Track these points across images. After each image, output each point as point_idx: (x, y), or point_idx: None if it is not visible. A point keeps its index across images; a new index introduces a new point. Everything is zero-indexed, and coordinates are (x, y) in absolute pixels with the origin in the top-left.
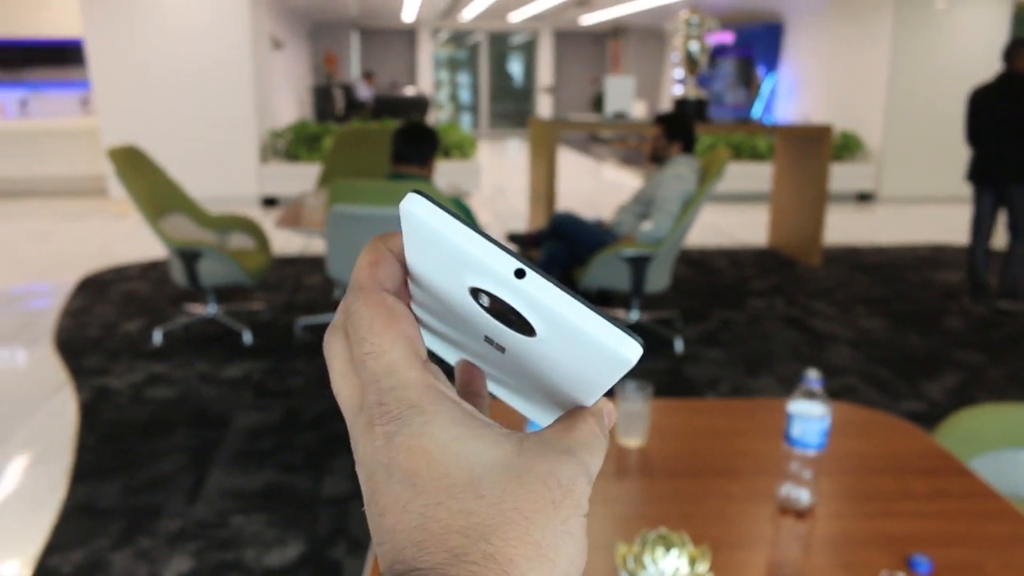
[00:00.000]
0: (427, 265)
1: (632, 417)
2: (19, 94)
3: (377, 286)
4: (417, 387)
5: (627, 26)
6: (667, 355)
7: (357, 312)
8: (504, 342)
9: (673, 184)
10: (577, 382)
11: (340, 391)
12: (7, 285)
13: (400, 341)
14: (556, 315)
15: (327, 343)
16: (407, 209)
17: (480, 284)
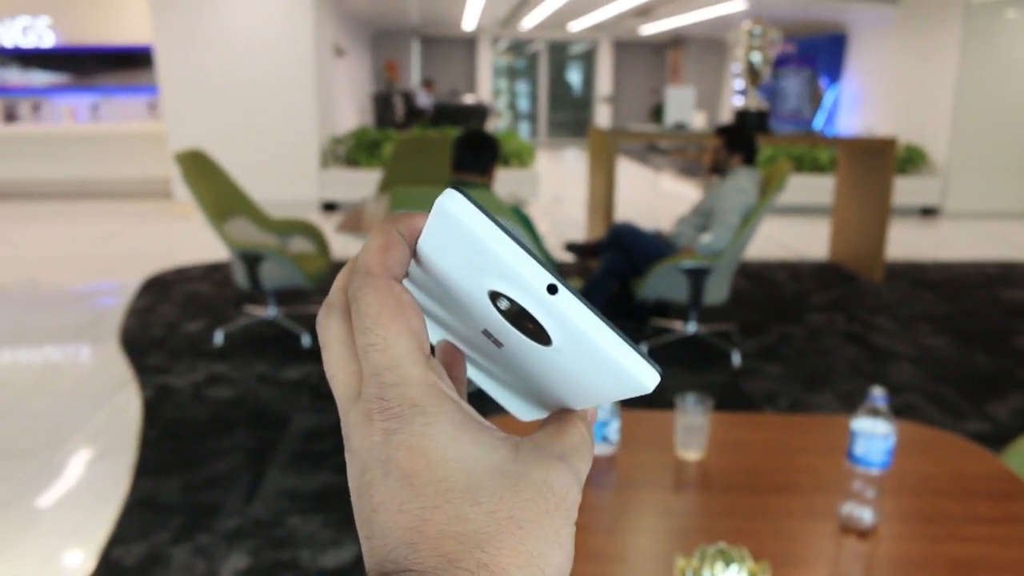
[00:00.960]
0: (446, 259)
1: (692, 430)
2: (91, 99)
3: (387, 273)
4: (420, 385)
5: (687, 36)
6: (724, 368)
7: (364, 300)
8: (507, 341)
9: (734, 196)
10: (577, 392)
11: (335, 376)
12: (75, 284)
13: (406, 334)
14: (581, 334)
15: (322, 324)
16: (445, 206)
17: (505, 290)
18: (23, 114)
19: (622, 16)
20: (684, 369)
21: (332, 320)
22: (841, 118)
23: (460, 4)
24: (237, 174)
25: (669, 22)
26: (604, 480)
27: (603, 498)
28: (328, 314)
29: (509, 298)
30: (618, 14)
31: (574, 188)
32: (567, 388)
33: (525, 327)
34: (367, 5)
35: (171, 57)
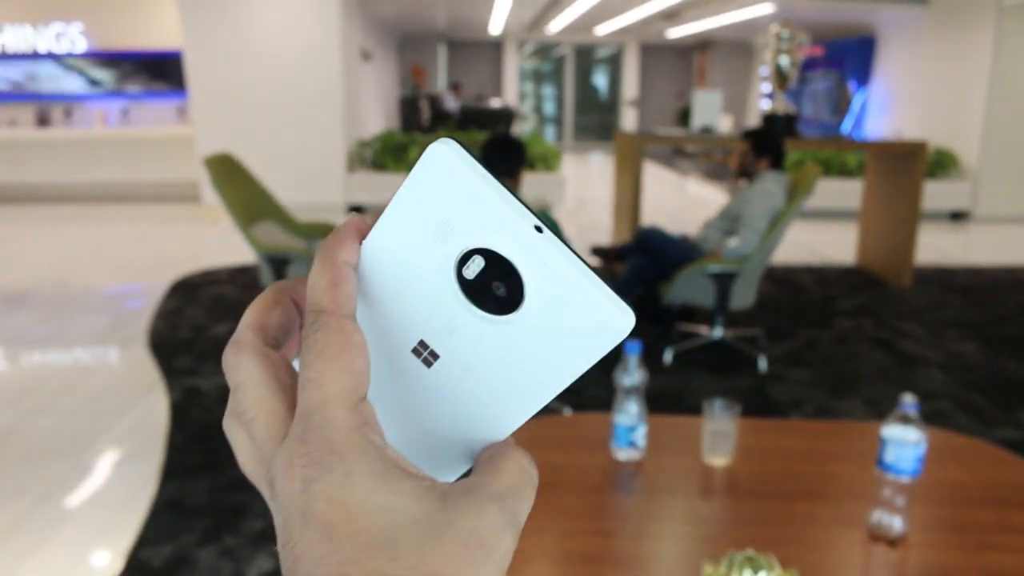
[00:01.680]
0: (412, 231)
1: (719, 436)
2: (121, 103)
3: (339, 310)
4: (343, 430)
5: (714, 40)
6: (750, 373)
7: (313, 336)
8: (451, 340)
9: (761, 200)
10: (534, 378)
11: (256, 418)
12: (104, 286)
13: (345, 374)
14: (562, 275)
15: (231, 364)
16: (439, 152)
17: (488, 241)
18: (55, 119)
19: (649, 19)
20: (710, 374)
21: (243, 359)
22: (869, 121)
23: (487, 8)
24: (264, 177)
25: (696, 25)
26: (631, 485)
27: (630, 503)
28: (238, 353)
29: (489, 251)
30: (645, 17)
31: (600, 192)
32: (521, 380)
33: (490, 296)
34: (394, 10)
35: (200, 62)
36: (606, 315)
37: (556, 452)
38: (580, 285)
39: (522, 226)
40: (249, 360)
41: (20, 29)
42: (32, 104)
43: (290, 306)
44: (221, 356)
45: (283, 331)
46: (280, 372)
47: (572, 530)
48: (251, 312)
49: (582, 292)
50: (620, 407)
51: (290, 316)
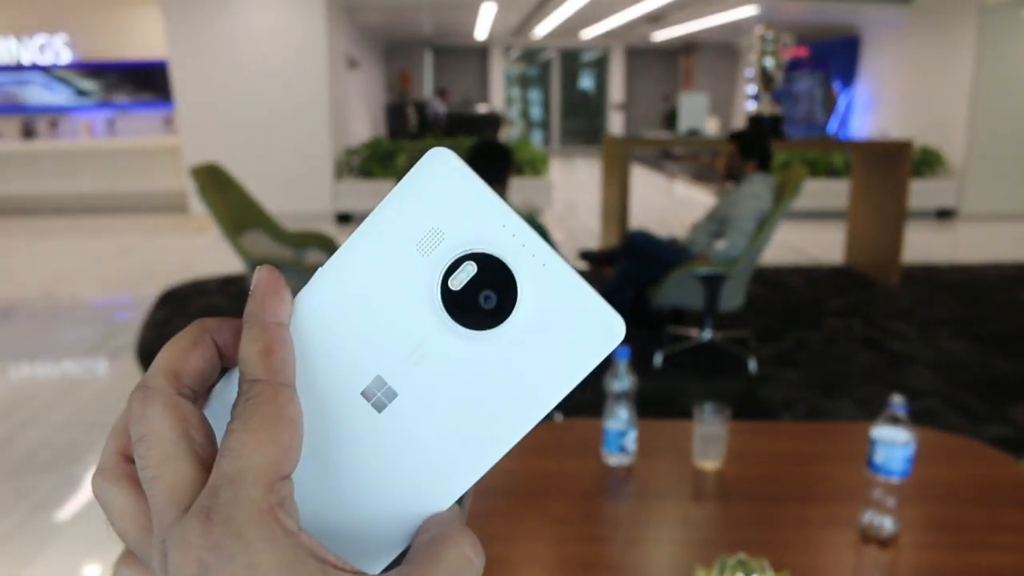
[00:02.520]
0: (395, 242)
1: (710, 440)
2: (107, 114)
3: (274, 378)
4: (254, 512)
5: (699, 42)
6: (741, 375)
7: (242, 404)
8: (417, 371)
9: (748, 202)
10: (512, 399)
11: (158, 478)
12: (92, 298)
13: (267, 448)
14: (557, 282)
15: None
16: (438, 158)
17: (482, 245)
18: (41, 130)
19: (634, 23)
20: (700, 376)
21: (152, 409)
22: (855, 121)
23: (472, 14)
24: (252, 187)
25: (681, 28)
26: (622, 491)
27: (621, 509)
28: (146, 401)
29: (484, 255)
30: (630, 21)
31: (588, 196)
32: (492, 410)
33: (475, 309)
34: (380, 17)
35: (186, 72)
36: (599, 323)
37: (546, 458)
38: (577, 292)
39: (521, 230)
40: (159, 411)
41: (4, 41)
42: (17, 116)
43: (211, 351)
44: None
45: (200, 380)
46: (193, 429)
47: (564, 536)
48: (166, 354)
49: (577, 299)
50: (610, 412)
51: (210, 363)
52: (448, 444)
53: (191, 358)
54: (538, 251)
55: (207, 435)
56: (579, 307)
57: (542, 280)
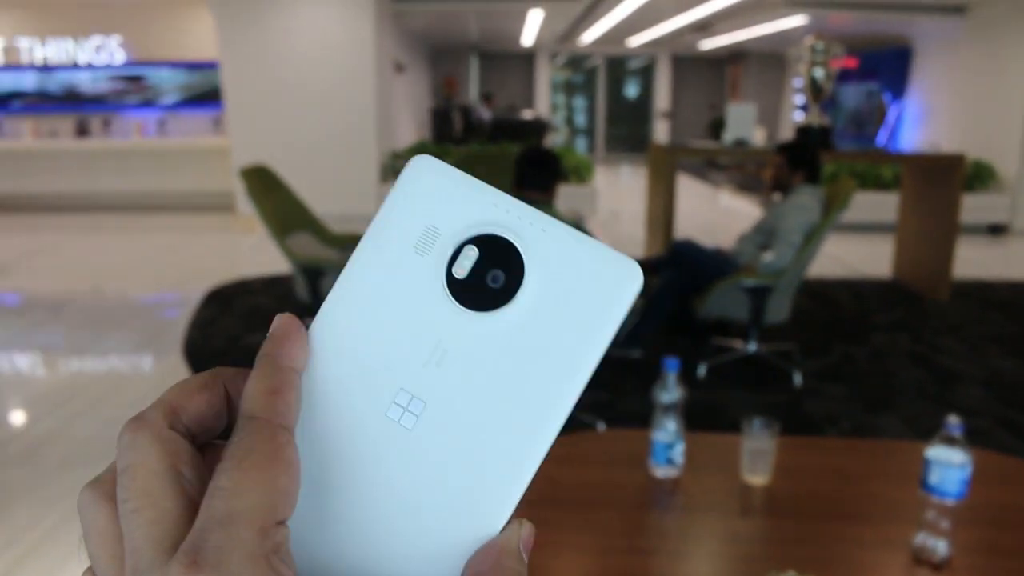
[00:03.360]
0: (392, 252)
1: (757, 454)
2: (158, 114)
3: (274, 419)
4: (245, 557)
5: (747, 51)
6: (785, 388)
7: (236, 442)
8: (440, 372)
9: (796, 214)
10: (547, 373)
11: (140, 510)
12: (140, 295)
13: (261, 489)
14: (559, 242)
15: (131, 442)
16: (420, 162)
17: (480, 228)
18: (94, 129)
19: (681, 31)
20: (744, 389)
21: (143, 439)
22: (905, 134)
23: (519, 20)
24: (298, 188)
25: (728, 37)
26: (669, 503)
27: (668, 521)
28: (136, 431)
29: (483, 236)
30: (677, 29)
31: (631, 204)
32: (528, 390)
33: (486, 291)
34: (427, 22)
35: (236, 73)
36: (614, 271)
37: (593, 469)
38: (584, 247)
39: (514, 204)
40: (147, 441)
41: (61, 42)
42: (72, 115)
43: (219, 398)
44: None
45: (200, 423)
46: (182, 463)
47: (610, 548)
48: (170, 391)
49: (587, 254)
50: (658, 424)
51: (214, 409)
52: (491, 444)
53: (195, 399)
54: (535, 219)
55: (199, 473)
56: (590, 261)
57: (546, 245)
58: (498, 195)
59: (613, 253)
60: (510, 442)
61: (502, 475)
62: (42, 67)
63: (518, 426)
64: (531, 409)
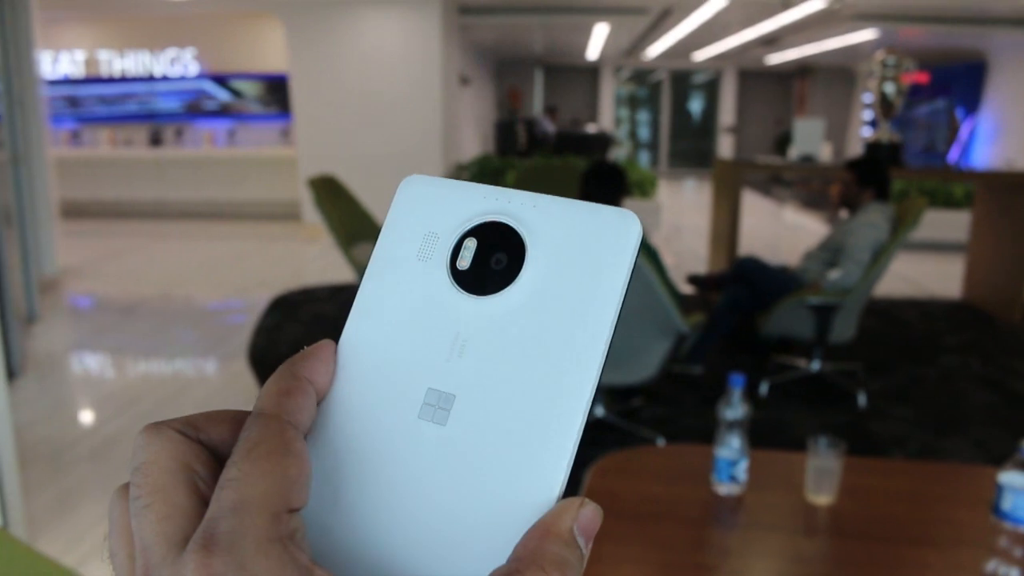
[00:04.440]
0: (398, 263)
1: (823, 473)
2: (228, 125)
3: (281, 414)
4: (258, 540)
5: (814, 66)
6: (849, 409)
7: (246, 433)
8: (463, 362)
9: (865, 232)
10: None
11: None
12: (208, 301)
13: (271, 476)
14: (551, 212)
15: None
16: (408, 185)
17: (472, 220)
18: (167, 139)
19: (748, 45)
20: (807, 408)
21: (158, 439)
22: (978, 150)
23: (585, 34)
24: (363, 199)
25: (796, 51)
26: (732, 520)
27: (730, 539)
28: (154, 432)
29: (477, 227)
30: (744, 43)
31: (694, 219)
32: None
33: (492, 276)
34: (493, 35)
35: (305, 85)
36: (612, 226)
37: (654, 483)
38: (577, 211)
39: (501, 192)
40: (161, 441)
41: (139, 55)
42: (146, 125)
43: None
44: None
45: (217, 449)
46: (196, 463)
47: (672, 563)
48: (194, 415)
49: (577, 216)
50: (722, 440)
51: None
52: (527, 420)
53: (218, 428)
54: (523, 198)
55: (212, 473)
56: (586, 221)
57: (539, 218)
58: (487, 188)
59: (606, 208)
60: (546, 413)
61: (547, 447)
62: (120, 78)
63: (551, 396)
64: (560, 376)
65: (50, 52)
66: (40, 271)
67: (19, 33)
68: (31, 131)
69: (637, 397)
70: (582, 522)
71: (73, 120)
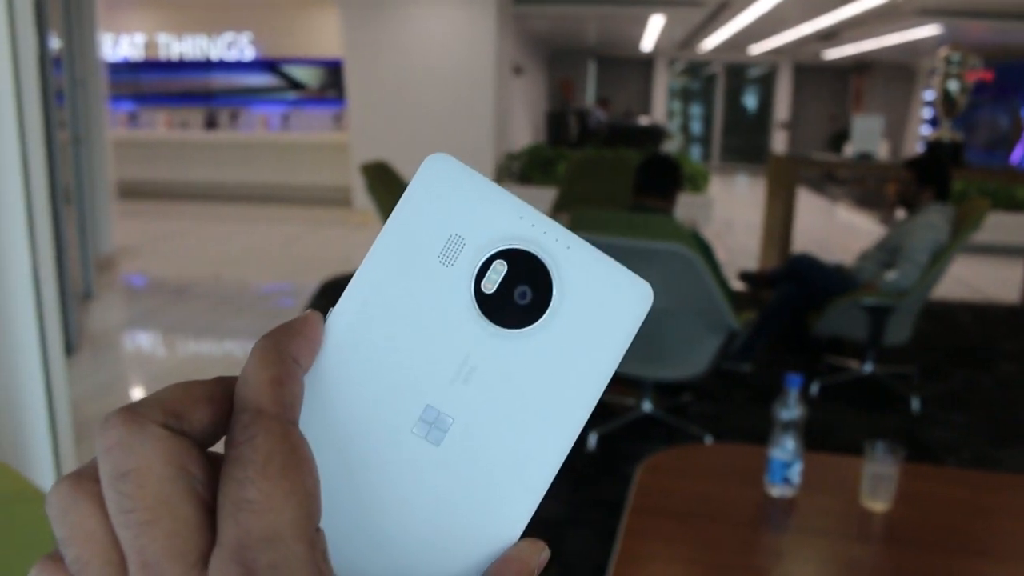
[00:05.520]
0: (413, 262)
1: (879, 479)
2: (283, 109)
3: (283, 414)
4: (300, 572)
5: (873, 61)
6: (901, 413)
7: (249, 445)
8: (468, 389)
9: (924, 233)
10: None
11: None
12: (258, 283)
13: (296, 498)
14: (582, 260)
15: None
16: (439, 162)
17: (509, 241)
18: (222, 122)
19: (805, 40)
20: (858, 410)
21: (143, 439)
22: None
23: (639, 26)
24: None
25: (855, 46)
26: (785, 523)
27: (782, 542)
28: (136, 429)
29: (513, 251)
30: (801, 37)
31: (746, 215)
32: (553, 404)
33: (513, 308)
34: (547, 25)
35: (359, 71)
36: (630, 290)
37: (704, 482)
38: (603, 266)
39: (538, 218)
40: (152, 443)
41: (197, 38)
42: (202, 108)
43: (226, 413)
44: None
45: (202, 438)
46: (192, 464)
47: (724, 564)
48: (169, 392)
49: (606, 273)
50: (776, 441)
51: (222, 426)
52: (517, 458)
53: (200, 411)
54: (560, 235)
55: (208, 472)
56: (608, 281)
57: (570, 263)
58: (522, 206)
59: (629, 274)
60: (532, 458)
61: (523, 488)
62: (178, 62)
63: (539, 443)
64: (552, 426)
65: (111, 35)
66: (97, 249)
67: (83, 17)
68: (92, 112)
69: (685, 393)
70: (541, 563)
71: (131, 102)
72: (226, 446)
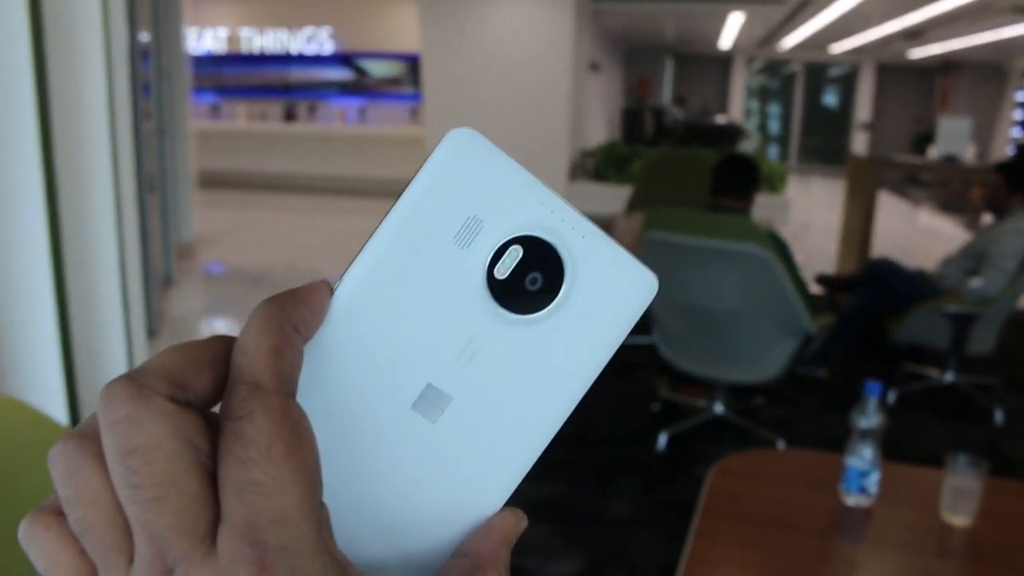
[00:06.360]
0: (428, 238)
1: (961, 493)
2: (360, 103)
3: (282, 387)
4: (311, 552)
5: (960, 61)
6: (984, 425)
7: (250, 422)
8: (469, 370)
9: (1012, 239)
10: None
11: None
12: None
13: (302, 478)
14: (594, 249)
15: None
16: (464, 138)
17: (527, 227)
18: (301, 114)
19: (889, 38)
20: (937, 421)
21: (149, 414)
22: None
23: (718, 23)
24: None
25: (942, 46)
26: (860, 533)
27: (857, 552)
28: (142, 404)
29: (529, 238)
30: (885, 36)
31: (823, 217)
32: (549, 389)
33: (524, 294)
34: (624, 22)
35: (436, 66)
36: (636, 281)
37: (776, 487)
38: (614, 256)
39: (557, 204)
40: (158, 418)
41: (277, 33)
42: (281, 100)
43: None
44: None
45: (206, 404)
46: (198, 436)
47: (795, 572)
48: (171, 358)
49: (615, 263)
50: (853, 450)
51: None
52: (507, 438)
53: (203, 377)
54: (576, 223)
55: (211, 441)
56: (618, 271)
57: (583, 252)
58: (543, 191)
59: (638, 264)
60: (523, 438)
61: (509, 464)
62: (259, 55)
63: (531, 424)
64: (546, 409)
65: (196, 29)
66: (178, 237)
67: (169, 11)
68: (176, 104)
69: (758, 396)
70: (519, 532)
71: (213, 94)
72: (222, 415)
